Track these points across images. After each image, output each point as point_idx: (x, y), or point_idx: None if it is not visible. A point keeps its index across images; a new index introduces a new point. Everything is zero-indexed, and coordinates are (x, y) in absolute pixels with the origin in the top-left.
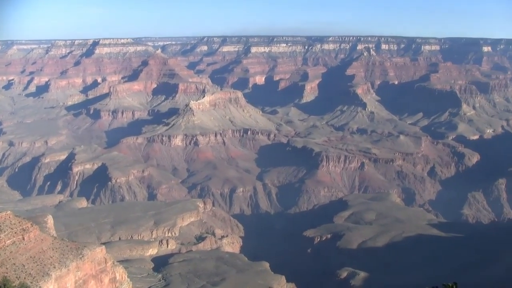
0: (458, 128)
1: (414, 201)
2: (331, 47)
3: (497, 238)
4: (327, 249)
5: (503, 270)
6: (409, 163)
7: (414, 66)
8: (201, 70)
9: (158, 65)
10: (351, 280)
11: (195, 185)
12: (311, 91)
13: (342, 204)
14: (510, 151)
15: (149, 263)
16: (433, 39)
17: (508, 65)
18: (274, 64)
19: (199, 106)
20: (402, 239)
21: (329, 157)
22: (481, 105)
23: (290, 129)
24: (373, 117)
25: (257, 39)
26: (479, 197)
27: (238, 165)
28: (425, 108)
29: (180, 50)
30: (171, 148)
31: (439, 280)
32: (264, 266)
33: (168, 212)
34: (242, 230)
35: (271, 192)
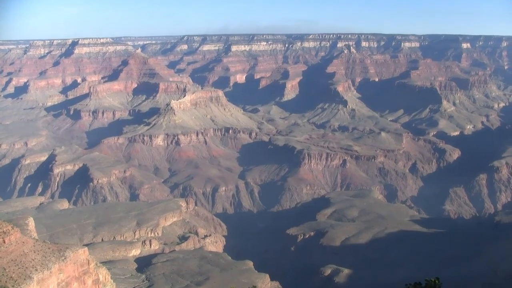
0: (438, 125)
1: (396, 197)
2: (312, 45)
3: (479, 233)
4: (310, 247)
5: (485, 265)
6: (390, 159)
7: (394, 63)
8: (182, 69)
9: (138, 65)
10: (335, 277)
11: (177, 185)
12: (292, 89)
13: (325, 201)
14: (490, 147)
15: (133, 263)
16: (412, 36)
17: (487, 61)
18: (255, 62)
19: (180, 105)
20: (385, 236)
21: (310, 154)
22: (461, 101)
23: (272, 128)
24: (354, 114)
25: (237, 37)
26: (460, 192)
27: (220, 164)
28: (406, 105)
29: (160, 50)
30: (153, 148)
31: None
32: (248, 264)
33: (150, 212)
34: (225, 229)
35: (254, 190)
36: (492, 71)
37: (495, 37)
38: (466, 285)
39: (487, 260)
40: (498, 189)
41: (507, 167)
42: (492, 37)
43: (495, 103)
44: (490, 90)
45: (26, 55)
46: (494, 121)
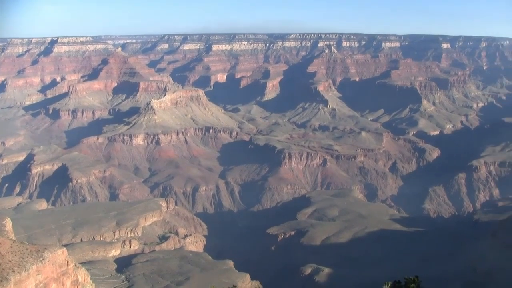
0: (418, 124)
1: (376, 196)
2: (292, 44)
3: (458, 232)
4: (291, 246)
5: (464, 263)
6: (371, 159)
7: (375, 63)
8: (162, 68)
9: (119, 64)
10: (315, 276)
11: (158, 185)
12: (273, 88)
13: (305, 201)
14: (469, 146)
15: (112, 264)
16: (393, 36)
17: (466, 61)
18: (236, 62)
19: (160, 104)
20: (365, 234)
21: (291, 154)
22: (441, 101)
23: (252, 127)
24: (334, 113)
25: (218, 37)
26: (439, 191)
27: (201, 163)
28: (386, 105)
29: (140, 49)
30: (133, 148)
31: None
32: (228, 264)
33: (130, 212)
34: (205, 228)
35: (234, 190)
36: (471, 71)
37: (474, 37)
38: (446, 283)
39: (467, 258)
40: (477, 188)
41: (485, 166)
42: (472, 38)
43: (474, 103)
44: (469, 90)
45: (4, 53)
46: (473, 121)
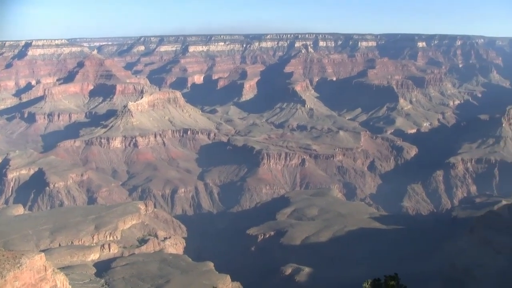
0: (396, 122)
1: (355, 195)
2: (269, 44)
3: (437, 229)
4: (270, 246)
5: (443, 259)
6: (349, 158)
7: (351, 62)
8: (139, 70)
9: (95, 66)
10: (295, 276)
11: (136, 187)
12: (250, 89)
13: (284, 201)
14: (446, 143)
15: (91, 268)
16: (369, 35)
17: (442, 59)
18: (213, 63)
19: (137, 107)
20: (345, 233)
21: (269, 154)
22: (418, 99)
23: (230, 128)
24: (312, 113)
25: (194, 38)
26: (418, 189)
27: (179, 165)
28: (364, 104)
29: (116, 51)
30: (110, 151)
31: (382, 272)
32: (209, 266)
33: (109, 216)
34: (185, 230)
35: (213, 191)
36: (447, 69)
37: (449, 36)
38: (425, 279)
39: (445, 255)
40: (455, 185)
41: (462, 163)
42: (447, 36)
43: (451, 100)
44: (446, 88)
45: None
46: (450, 118)
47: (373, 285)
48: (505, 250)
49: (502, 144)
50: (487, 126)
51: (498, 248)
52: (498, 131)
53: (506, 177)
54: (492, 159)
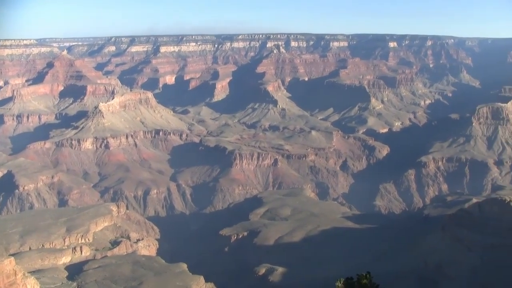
0: (368, 122)
1: (328, 195)
2: (241, 45)
3: (409, 227)
4: (244, 247)
5: (416, 257)
6: (321, 157)
7: (323, 62)
8: (110, 71)
9: (65, 67)
10: (269, 276)
11: (108, 189)
12: (222, 89)
13: (257, 201)
14: (417, 143)
15: (63, 271)
16: (341, 35)
17: (413, 59)
18: (184, 63)
19: (108, 108)
20: (318, 233)
21: (242, 155)
22: (389, 99)
23: (202, 129)
24: (284, 113)
25: (166, 38)
26: (390, 188)
27: (151, 166)
28: (335, 103)
29: (87, 51)
30: (81, 152)
31: (355, 270)
32: (182, 267)
33: (80, 218)
34: (157, 232)
35: (186, 192)
36: (418, 69)
37: (420, 36)
38: (399, 277)
39: (418, 253)
40: (426, 183)
41: (434, 162)
42: (418, 36)
43: (422, 100)
44: (417, 88)
45: None
46: (421, 118)
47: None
48: (476, 247)
49: (473, 143)
50: (457, 125)
51: (469, 246)
52: (468, 130)
53: (477, 175)
54: (462, 157)
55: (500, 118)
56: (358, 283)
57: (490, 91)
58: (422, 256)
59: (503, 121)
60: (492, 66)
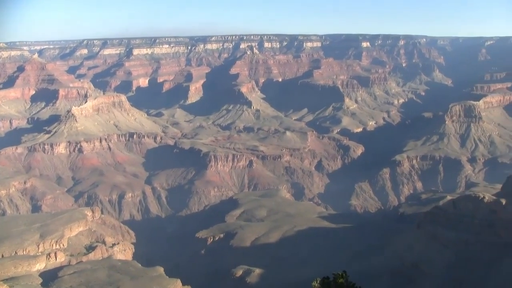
0: (342, 122)
1: (304, 195)
2: (214, 46)
3: (385, 225)
4: (220, 249)
5: (392, 255)
6: (296, 158)
7: (297, 63)
8: (82, 74)
9: (36, 71)
10: (246, 278)
11: (82, 193)
12: (196, 91)
13: (233, 203)
14: (392, 142)
15: (37, 278)
16: (314, 36)
17: (386, 59)
18: (158, 65)
19: (81, 111)
20: (294, 233)
21: (217, 156)
22: (363, 99)
23: (177, 131)
24: (259, 114)
25: (139, 40)
26: (365, 187)
27: (126, 170)
28: (310, 104)
29: (58, 54)
30: (54, 157)
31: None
32: (159, 271)
33: (54, 224)
34: (133, 236)
35: (161, 195)
36: (391, 68)
37: (393, 36)
38: (375, 276)
39: (394, 251)
40: (401, 182)
41: (408, 161)
42: (390, 36)
43: (395, 99)
44: (390, 87)
45: None
46: (395, 117)
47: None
48: (451, 244)
49: (446, 141)
50: (431, 123)
51: (444, 243)
52: (441, 128)
53: (450, 173)
54: (436, 155)
55: (473, 116)
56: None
57: (462, 90)
58: (398, 254)
59: (475, 119)
60: (463, 64)
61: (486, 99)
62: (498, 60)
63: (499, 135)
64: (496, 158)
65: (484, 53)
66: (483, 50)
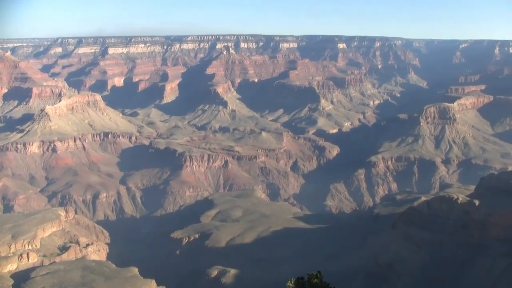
0: (318, 123)
1: (279, 195)
2: (190, 46)
3: (360, 226)
4: (196, 249)
5: (367, 256)
6: (272, 158)
7: (273, 63)
8: (56, 73)
9: (9, 69)
10: (221, 278)
11: (55, 193)
12: (172, 91)
13: (208, 203)
14: (367, 143)
15: (8, 279)
16: (290, 36)
17: (362, 60)
18: (133, 65)
19: (55, 110)
20: (270, 234)
21: (192, 157)
22: (339, 100)
23: (152, 131)
24: (234, 115)
25: (114, 39)
26: (340, 188)
27: (100, 170)
28: (285, 104)
29: (32, 52)
30: (27, 156)
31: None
32: (133, 271)
33: (27, 224)
34: (107, 236)
35: (136, 195)
36: (367, 70)
37: (369, 37)
38: (350, 276)
39: (369, 251)
40: (376, 182)
41: (383, 162)
42: (366, 38)
43: (371, 100)
44: (366, 88)
45: None
46: (370, 118)
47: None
48: (425, 245)
49: (421, 142)
50: (406, 125)
51: (419, 243)
52: (416, 129)
53: (425, 174)
54: (411, 157)
55: (447, 118)
56: (309, 282)
57: (437, 91)
58: (373, 255)
59: (450, 121)
60: (438, 67)
61: (460, 101)
62: (472, 63)
63: (473, 137)
64: (470, 160)
65: (458, 56)
66: (457, 53)
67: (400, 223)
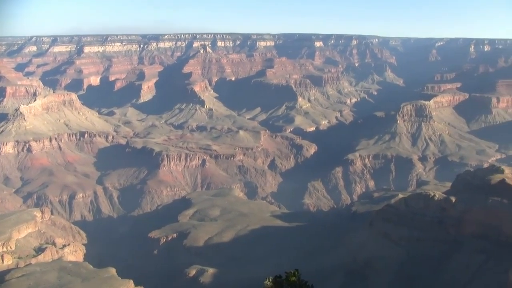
0: (295, 121)
1: (257, 194)
2: (167, 45)
3: (337, 224)
4: (174, 249)
5: (345, 253)
6: (249, 157)
7: (250, 62)
8: (31, 72)
9: None
10: (200, 278)
11: (31, 194)
12: (148, 90)
13: (186, 202)
14: (344, 141)
15: None
16: (267, 35)
17: (339, 59)
18: (109, 64)
19: (30, 110)
20: (248, 232)
21: (169, 156)
22: (316, 98)
23: (129, 130)
24: (212, 114)
25: (90, 38)
26: (318, 186)
27: (76, 170)
28: (263, 103)
29: (6, 51)
30: (2, 157)
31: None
32: (111, 272)
33: (1, 226)
34: (84, 237)
35: (113, 195)
36: (344, 68)
37: (346, 35)
38: (328, 274)
39: (347, 249)
40: (353, 180)
41: (360, 159)
42: (343, 36)
43: (348, 98)
44: (343, 87)
45: None
46: (347, 116)
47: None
48: (403, 242)
49: (398, 140)
50: (383, 123)
51: (396, 240)
52: (393, 127)
53: (402, 171)
54: (388, 154)
55: (424, 116)
56: (286, 280)
57: (414, 89)
58: (351, 252)
59: (426, 118)
60: (415, 65)
61: (436, 99)
62: (448, 61)
63: (449, 134)
64: (446, 157)
65: (434, 54)
66: (433, 51)
67: (378, 221)
